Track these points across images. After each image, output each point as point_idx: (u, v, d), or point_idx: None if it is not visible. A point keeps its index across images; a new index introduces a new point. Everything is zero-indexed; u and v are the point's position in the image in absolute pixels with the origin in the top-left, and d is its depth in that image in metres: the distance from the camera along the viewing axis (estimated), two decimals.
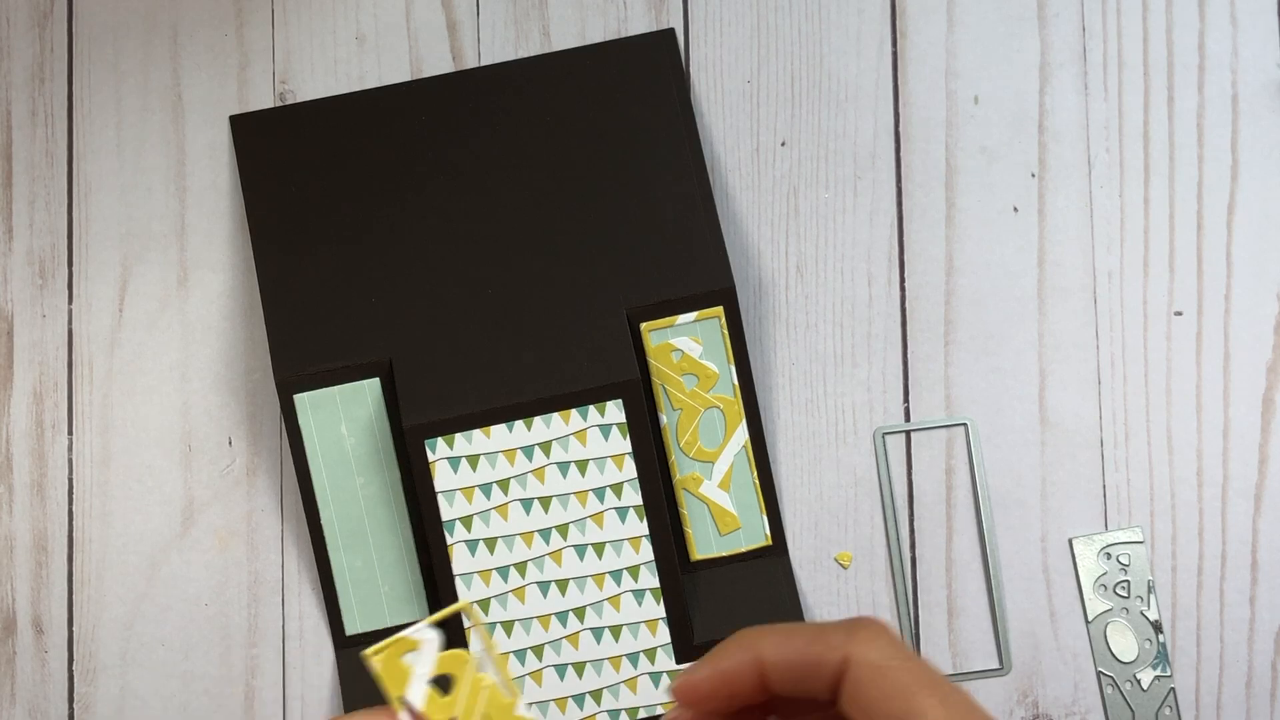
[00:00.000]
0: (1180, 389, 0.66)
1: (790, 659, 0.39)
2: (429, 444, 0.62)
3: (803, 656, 0.39)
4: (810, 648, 0.39)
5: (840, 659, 0.38)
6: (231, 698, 0.66)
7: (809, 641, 0.39)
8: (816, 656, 0.39)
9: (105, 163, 0.68)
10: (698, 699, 0.40)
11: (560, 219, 0.65)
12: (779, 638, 0.40)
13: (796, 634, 0.39)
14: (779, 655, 0.39)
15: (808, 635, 0.39)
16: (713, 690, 0.40)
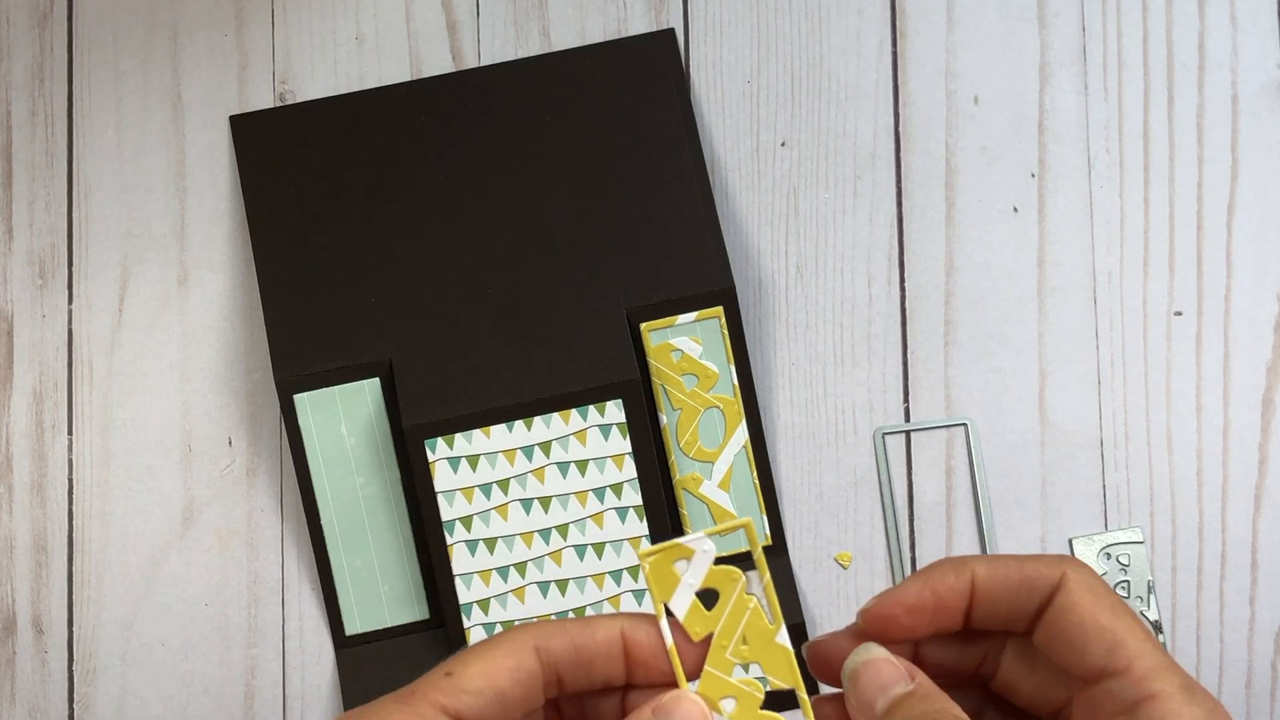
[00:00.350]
0: (1180, 389, 0.66)
1: (1007, 577, 0.39)
2: (429, 444, 0.62)
3: (1020, 574, 0.38)
4: (1025, 567, 0.38)
5: (1057, 577, 0.38)
6: (231, 698, 0.66)
7: (1022, 562, 0.39)
8: (1033, 574, 0.38)
9: (105, 163, 0.68)
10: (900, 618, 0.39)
11: (560, 219, 0.65)
12: (989, 560, 0.39)
13: (1006, 558, 0.39)
14: (994, 574, 0.39)
15: (1019, 558, 0.39)
16: (920, 609, 0.39)
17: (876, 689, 0.38)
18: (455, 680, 0.36)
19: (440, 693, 0.36)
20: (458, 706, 0.36)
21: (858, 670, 0.39)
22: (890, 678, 0.38)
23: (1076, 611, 0.37)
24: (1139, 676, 0.36)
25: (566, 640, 0.38)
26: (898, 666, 0.38)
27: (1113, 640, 0.37)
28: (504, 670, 0.37)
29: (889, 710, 0.38)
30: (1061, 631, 0.38)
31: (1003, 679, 0.40)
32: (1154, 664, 0.37)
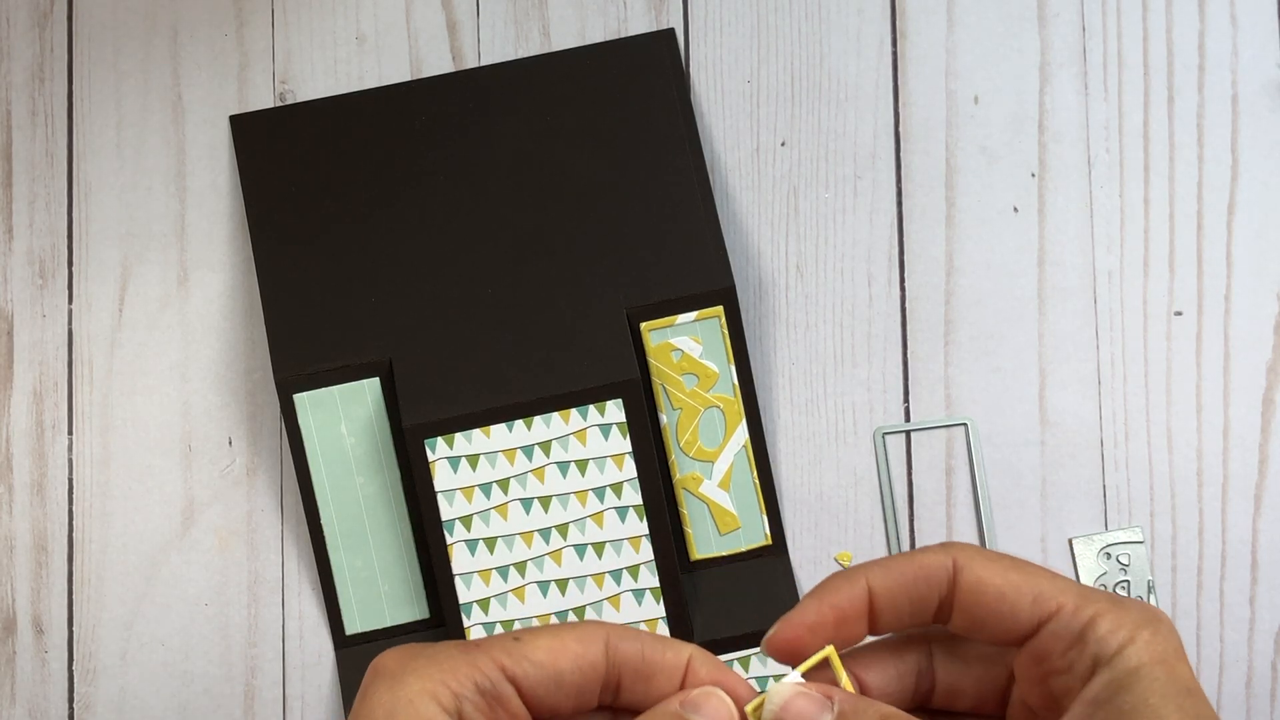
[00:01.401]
0: (1180, 389, 0.66)
1: (901, 575, 0.39)
2: (429, 443, 0.62)
3: (912, 568, 0.39)
4: (914, 561, 0.39)
5: (950, 561, 0.39)
6: (231, 698, 0.66)
7: (910, 558, 0.39)
8: (926, 564, 0.39)
9: (105, 163, 0.68)
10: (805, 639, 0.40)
11: (560, 219, 0.65)
12: (880, 564, 0.40)
13: (895, 558, 0.39)
14: (887, 576, 0.39)
15: (907, 556, 0.39)
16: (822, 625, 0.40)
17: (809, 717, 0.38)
18: (521, 646, 0.37)
19: (504, 653, 0.37)
20: (516, 671, 0.37)
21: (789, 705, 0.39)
22: (811, 712, 0.39)
23: (986, 583, 0.38)
24: (1071, 610, 0.37)
25: (638, 648, 0.39)
26: (814, 696, 0.39)
27: (1033, 591, 0.38)
28: (570, 653, 0.37)
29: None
30: (981, 606, 0.38)
31: (943, 686, 0.41)
32: (1078, 594, 0.38)
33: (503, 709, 0.37)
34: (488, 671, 0.36)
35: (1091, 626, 0.37)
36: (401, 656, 0.37)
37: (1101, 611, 0.37)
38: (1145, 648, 0.36)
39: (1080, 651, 0.37)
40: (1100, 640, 0.37)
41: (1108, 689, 0.36)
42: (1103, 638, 0.37)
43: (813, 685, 0.39)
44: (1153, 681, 0.36)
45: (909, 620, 0.40)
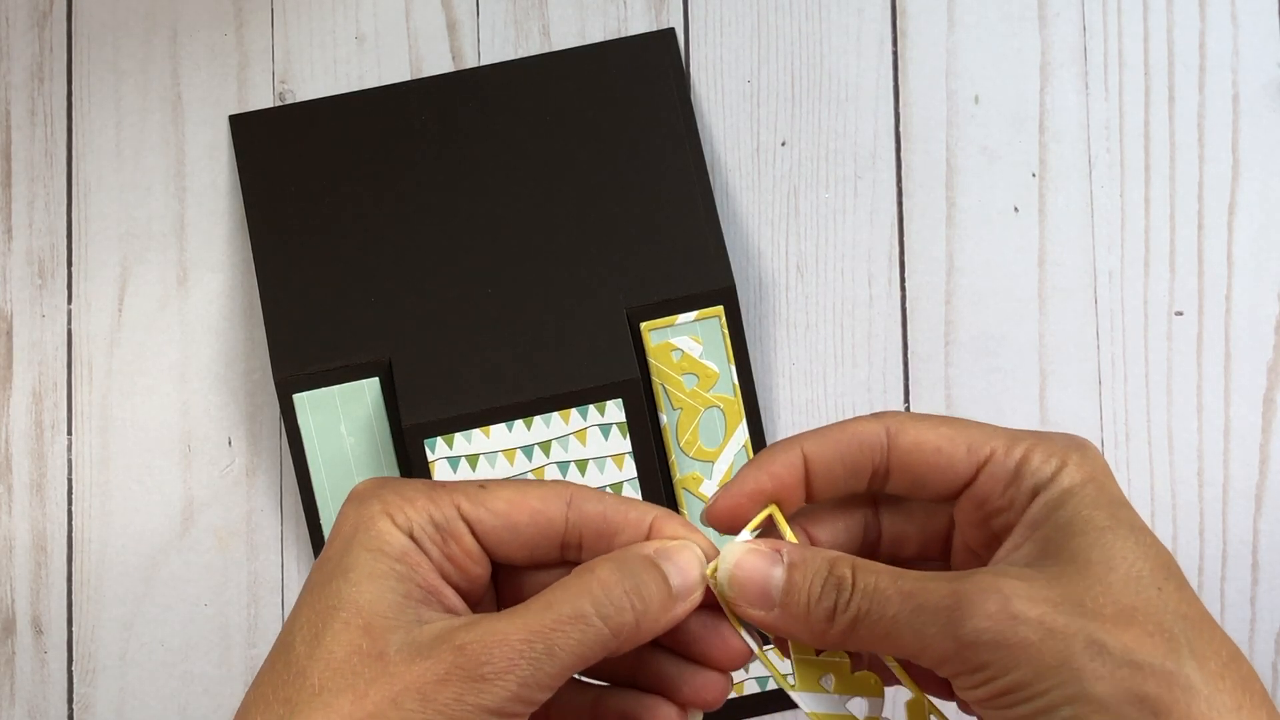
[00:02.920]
0: (1181, 389, 0.66)
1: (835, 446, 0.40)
2: (428, 443, 0.62)
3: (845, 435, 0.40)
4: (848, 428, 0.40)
5: (882, 429, 0.40)
6: (231, 698, 0.65)
7: (843, 427, 0.40)
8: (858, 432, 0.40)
9: (105, 163, 0.68)
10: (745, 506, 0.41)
11: (560, 219, 0.65)
12: (815, 434, 0.41)
13: (829, 428, 0.41)
14: (822, 444, 0.41)
15: (840, 425, 0.41)
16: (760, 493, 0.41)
17: (759, 584, 0.40)
18: (483, 494, 0.40)
19: (464, 497, 0.40)
20: (472, 515, 0.40)
21: (730, 578, 0.40)
22: (762, 567, 0.40)
23: (922, 442, 0.40)
24: (1004, 450, 0.39)
25: (600, 509, 0.40)
26: (762, 552, 0.40)
27: (966, 441, 0.40)
28: (528, 508, 0.40)
29: (784, 596, 0.39)
30: (921, 464, 0.40)
31: (888, 536, 0.43)
32: (1007, 436, 0.40)
33: (455, 544, 0.39)
34: (444, 509, 0.39)
35: (1025, 461, 0.39)
36: (373, 484, 0.40)
37: (1031, 446, 0.39)
38: (1075, 469, 0.38)
39: (1018, 487, 0.39)
40: (1034, 471, 0.39)
41: (1044, 509, 0.38)
42: (1036, 468, 0.39)
43: (762, 541, 0.40)
44: (1084, 496, 0.38)
45: (845, 487, 0.41)
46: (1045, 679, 0.35)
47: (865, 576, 0.38)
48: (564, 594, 0.38)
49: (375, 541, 0.38)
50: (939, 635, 0.36)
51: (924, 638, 0.37)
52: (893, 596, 0.37)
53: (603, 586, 0.38)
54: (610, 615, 0.38)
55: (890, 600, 0.37)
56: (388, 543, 0.39)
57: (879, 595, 0.37)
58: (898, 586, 0.37)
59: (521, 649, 0.36)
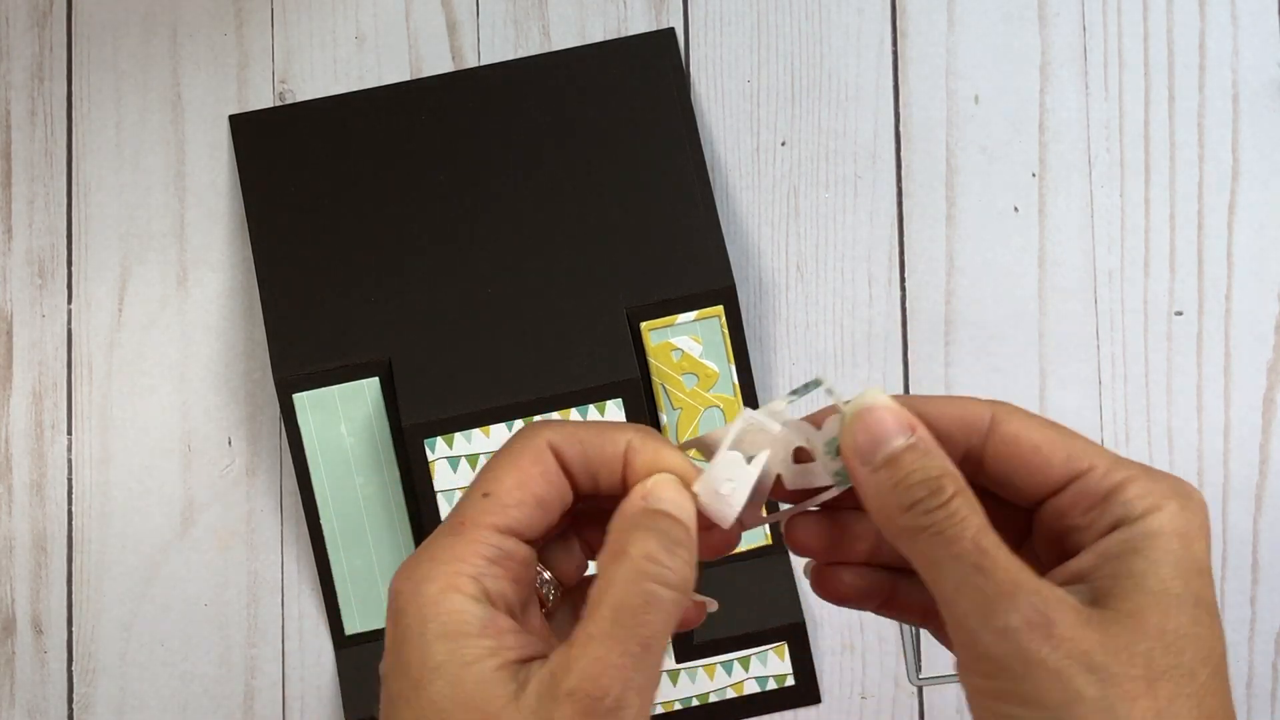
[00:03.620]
0: (1181, 389, 0.66)
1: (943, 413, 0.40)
2: (428, 443, 0.62)
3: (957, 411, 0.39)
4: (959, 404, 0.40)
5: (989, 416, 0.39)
6: (231, 698, 0.65)
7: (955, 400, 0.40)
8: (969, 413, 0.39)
9: (105, 163, 0.68)
10: None
11: (560, 218, 0.65)
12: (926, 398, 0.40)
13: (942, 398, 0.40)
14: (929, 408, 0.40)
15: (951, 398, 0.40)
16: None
17: (877, 436, 0.38)
18: (495, 499, 0.38)
19: (487, 515, 0.37)
20: (507, 523, 0.38)
21: (859, 415, 0.39)
22: (891, 427, 0.38)
23: (1022, 436, 0.38)
24: (1103, 471, 0.37)
25: (580, 448, 0.39)
26: (900, 417, 0.39)
27: (1067, 449, 0.38)
28: (535, 476, 0.38)
29: (887, 463, 0.38)
30: (1016, 457, 0.38)
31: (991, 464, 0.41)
32: (1111, 459, 0.38)
33: (513, 562, 0.38)
34: (486, 540, 0.37)
35: (1120, 489, 0.37)
36: (408, 572, 0.37)
37: (1133, 477, 0.37)
38: (1169, 518, 0.36)
39: (1103, 511, 0.37)
40: (1126, 503, 0.37)
41: (1121, 547, 0.36)
42: (1129, 500, 0.37)
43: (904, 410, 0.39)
44: (1167, 552, 0.36)
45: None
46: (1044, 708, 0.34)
47: (961, 505, 0.37)
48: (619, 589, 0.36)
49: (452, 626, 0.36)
50: (975, 604, 0.35)
51: (961, 594, 0.36)
52: (968, 541, 0.36)
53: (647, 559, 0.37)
54: (669, 578, 0.37)
55: (963, 542, 0.36)
56: (464, 621, 0.36)
57: (958, 529, 0.36)
58: (976, 537, 0.36)
59: (623, 662, 0.35)
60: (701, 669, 0.63)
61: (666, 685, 0.63)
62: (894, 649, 0.65)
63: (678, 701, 0.63)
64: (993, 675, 0.35)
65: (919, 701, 0.65)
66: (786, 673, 0.64)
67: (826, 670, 0.65)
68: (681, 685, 0.63)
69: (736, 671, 0.63)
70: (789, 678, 0.64)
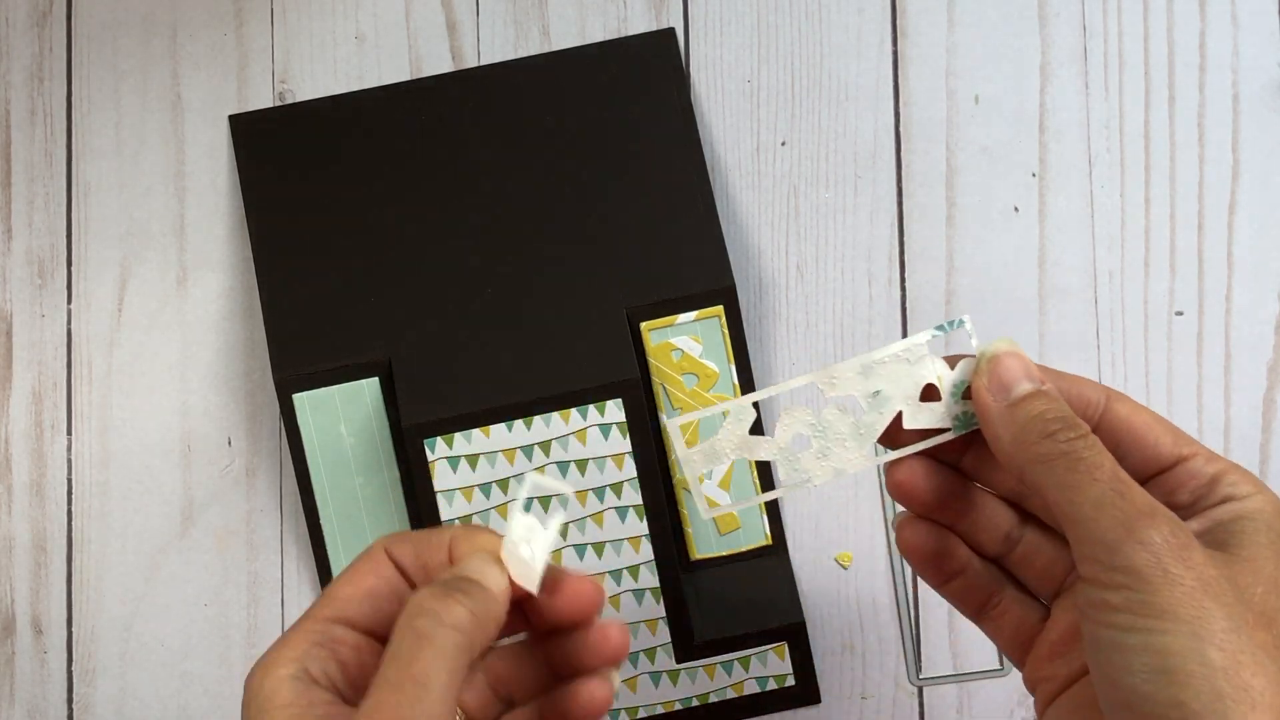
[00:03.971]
0: (1181, 389, 0.66)
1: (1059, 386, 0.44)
2: (428, 443, 0.62)
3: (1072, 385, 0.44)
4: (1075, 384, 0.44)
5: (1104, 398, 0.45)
6: (231, 698, 0.65)
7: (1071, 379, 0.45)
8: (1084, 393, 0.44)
9: (104, 163, 0.68)
10: None
11: (560, 218, 0.65)
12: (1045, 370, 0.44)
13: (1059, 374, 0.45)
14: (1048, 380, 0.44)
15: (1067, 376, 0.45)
16: None
17: (1018, 375, 0.43)
18: (329, 594, 0.43)
19: (317, 608, 0.42)
20: (333, 612, 0.42)
21: (995, 358, 0.44)
22: (1031, 373, 0.43)
23: (1134, 417, 0.44)
24: (1205, 458, 0.43)
25: (409, 545, 0.43)
26: (1031, 367, 0.44)
27: (1173, 434, 0.44)
28: (365, 572, 0.43)
29: (1023, 399, 0.43)
30: (1130, 435, 0.44)
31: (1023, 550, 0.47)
32: (1206, 449, 0.44)
33: (342, 646, 0.42)
34: (312, 628, 0.42)
35: (1223, 475, 0.43)
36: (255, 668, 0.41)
37: (1230, 467, 0.43)
38: (1263, 501, 0.42)
39: (1211, 490, 0.43)
40: (1233, 484, 0.43)
41: (1233, 515, 0.42)
42: (1233, 483, 0.43)
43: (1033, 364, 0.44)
44: (1266, 523, 0.42)
45: None
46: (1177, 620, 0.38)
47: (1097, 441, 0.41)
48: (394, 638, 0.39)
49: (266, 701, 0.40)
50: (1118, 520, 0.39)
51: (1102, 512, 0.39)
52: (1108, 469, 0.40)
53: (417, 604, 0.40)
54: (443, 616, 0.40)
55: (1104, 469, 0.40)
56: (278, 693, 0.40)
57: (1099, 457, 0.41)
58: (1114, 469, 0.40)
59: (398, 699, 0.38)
60: (701, 669, 0.63)
61: (666, 685, 0.63)
62: (894, 649, 0.65)
63: (678, 702, 0.63)
64: (1130, 587, 0.38)
65: (919, 702, 0.65)
66: (786, 673, 0.64)
67: (826, 670, 0.65)
68: (681, 685, 0.63)
69: (736, 671, 0.63)
70: (789, 678, 0.64)
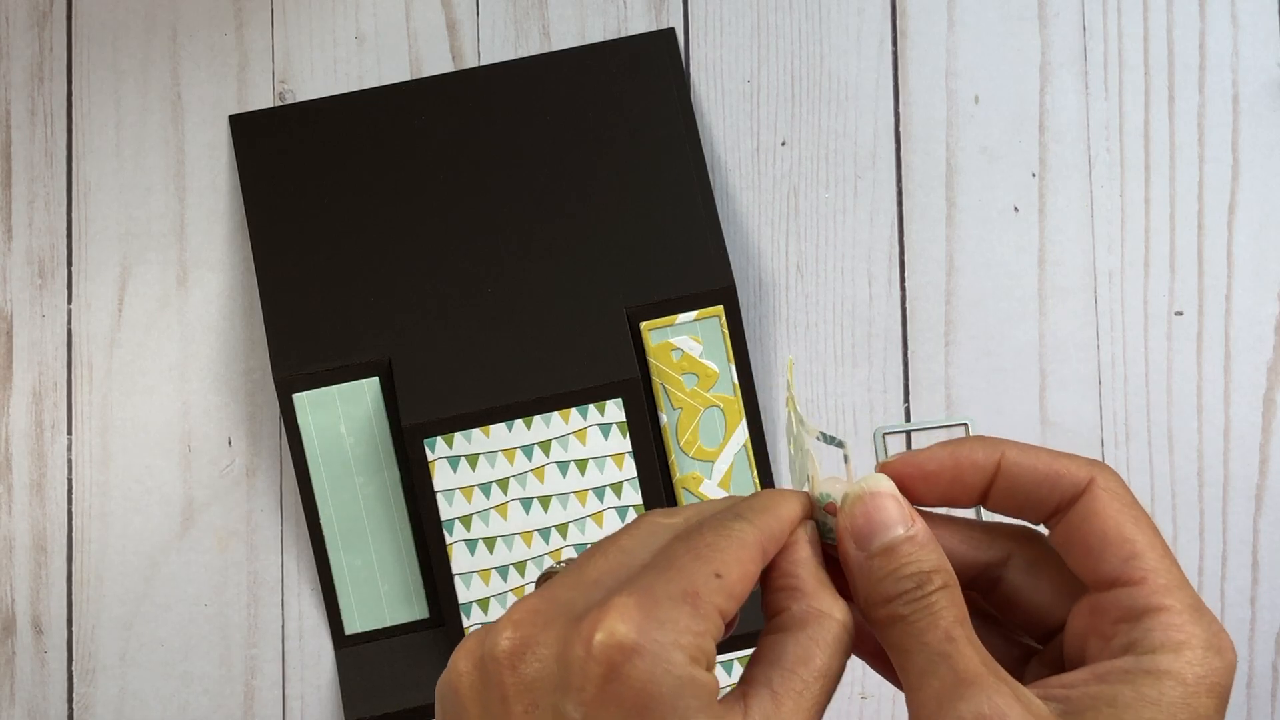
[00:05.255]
0: (1181, 389, 0.66)
1: (1035, 468, 0.38)
2: (428, 443, 0.62)
3: (1049, 468, 0.38)
4: (1056, 462, 0.38)
5: (1086, 480, 0.37)
6: (231, 698, 0.65)
7: (1054, 457, 0.38)
8: (1062, 471, 0.38)
9: (105, 163, 0.68)
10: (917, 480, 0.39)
11: (560, 218, 0.65)
12: (1022, 447, 0.39)
13: (1039, 449, 0.39)
14: (1023, 461, 0.38)
15: (1051, 452, 0.38)
16: (938, 477, 0.39)
17: (876, 524, 0.38)
18: (725, 584, 0.36)
19: (719, 596, 0.35)
20: (727, 610, 0.36)
21: (860, 499, 0.39)
22: (893, 517, 0.38)
23: (1100, 518, 0.37)
24: (1151, 589, 0.36)
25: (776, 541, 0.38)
26: (902, 507, 0.38)
27: (1131, 551, 0.36)
28: (751, 576, 0.37)
29: (882, 551, 0.37)
30: (1082, 535, 0.37)
31: (1004, 591, 0.40)
32: (1168, 581, 0.36)
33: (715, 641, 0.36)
34: (715, 622, 0.35)
35: (1156, 614, 0.35)
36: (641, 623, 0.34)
37: (1175, 609, 0.35)
38: (1183, 663, 0.35)
39: (1129, 629, 0.36)
40: (1148, 630, 0.35)
41: (1116, 673, 0.35)
42: (1152, 629, 0.35)
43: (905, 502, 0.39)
44: (1161, 694, 0.34)
45: (1017, 509, 0.39)
46: None
47: (941, 597, 0.36)
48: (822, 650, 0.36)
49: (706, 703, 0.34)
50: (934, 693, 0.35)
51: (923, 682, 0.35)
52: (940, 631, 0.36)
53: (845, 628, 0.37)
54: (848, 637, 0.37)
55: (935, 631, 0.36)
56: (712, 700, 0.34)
57: (932, 619, 0.36)
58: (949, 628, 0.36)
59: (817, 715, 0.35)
60: None
61: None
62: None
63: None
64: None
65: None
66: None
67: None
68: None
69: (736, 671, 0.63)
70: None
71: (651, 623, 0.34)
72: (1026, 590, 0.40)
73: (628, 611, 0.34)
